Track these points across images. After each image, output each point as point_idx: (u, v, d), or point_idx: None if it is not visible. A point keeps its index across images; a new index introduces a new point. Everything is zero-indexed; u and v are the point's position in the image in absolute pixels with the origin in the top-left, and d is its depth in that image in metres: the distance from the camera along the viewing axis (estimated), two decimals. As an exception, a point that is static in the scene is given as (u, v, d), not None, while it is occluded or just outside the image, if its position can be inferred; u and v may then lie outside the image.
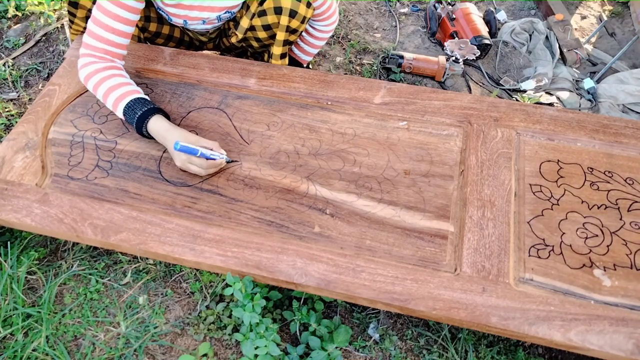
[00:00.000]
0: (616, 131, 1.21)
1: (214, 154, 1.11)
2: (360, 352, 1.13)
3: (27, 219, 1.07)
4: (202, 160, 1.10)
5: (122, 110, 1.14)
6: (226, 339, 1.13)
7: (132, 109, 1.13)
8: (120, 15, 1.12)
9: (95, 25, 1.13)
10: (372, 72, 1.78)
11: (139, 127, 1.14)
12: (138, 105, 1.13)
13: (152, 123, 1.13)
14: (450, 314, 0.95)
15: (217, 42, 1.52)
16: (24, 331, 1.11)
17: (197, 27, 1.34)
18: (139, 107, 1.13)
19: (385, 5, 2.08)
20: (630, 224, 1.07)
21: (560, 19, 1.92)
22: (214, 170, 1.14)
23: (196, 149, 1.08)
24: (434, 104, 1.27)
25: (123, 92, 1.15)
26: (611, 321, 0.93)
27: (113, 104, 1.16)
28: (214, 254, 1.03)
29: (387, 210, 1.10)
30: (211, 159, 1.11)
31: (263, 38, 1.32)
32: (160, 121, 1.14)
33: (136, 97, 1.15)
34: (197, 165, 1.10)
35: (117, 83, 1.16)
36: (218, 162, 1.12)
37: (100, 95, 1.17)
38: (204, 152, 1.09)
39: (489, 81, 1.80)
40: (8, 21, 1.85)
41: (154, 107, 1.15)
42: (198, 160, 1.10)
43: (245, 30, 1.32)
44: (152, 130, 1.14)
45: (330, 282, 0.99)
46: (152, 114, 1.13)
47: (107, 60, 1.17)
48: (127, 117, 1.15)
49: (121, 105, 1.14)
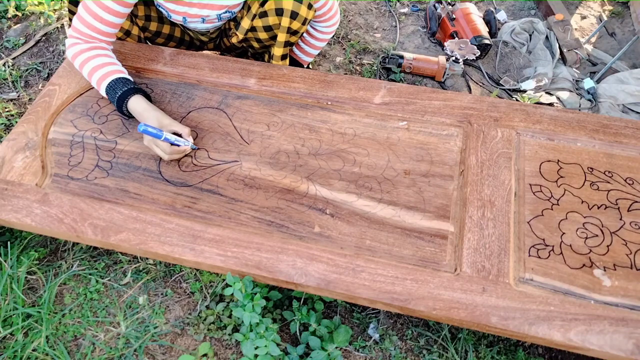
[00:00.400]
0: (616, 131, 1.21)
1: (178, 141, 1.13)
2: (360, 352, 1.13)
3: (27, 219, 1.07)
4: (165, 145, 1.12)
5: (105, 89, 1.18)
6: (226, 339, 1.13)
7: (113, 89, 1.17)
8: (110, 7, 1.13)
9: (85, 12, 1.14)
10: (372, 72, 1.78)
11: (120, 106, 1.18)
12: (119, 85, 1.16)
13: (132, 102, 1.16)
14: (450, 314, 0.95)
15: (218, 42, 1.52)
16: (24, 331, 1.11)
17: (197, 26, 1.34)
18: (119, 87, 1.16)
19: (385, 5, 2.08)
20: (630, 224, 1.07)
21: (560, 19, 1.92)
22: (177, 156, 1.17)
23: (159, 134, 1.10)
24: (434, 104, 1.27)
25: (106, 72, 1.17)
26: (611, 321, 0.93)
27: (96, 83, 1.19)
28: (214, 254, 1.03)
29: (387, 210, 1.10)
30: (175, 145, 1.13)
31: (264, 39, 1.32)
32: (140, 101, 1.17)
33: (118, 77, 1.17)
34: (161, 148, 1.13)
35: (101, 63, 1.18)
36: (182, 148, 1.15)
37: (85, 74, 1.20)
38: (168, 137, 1.11)
39: (489, 81, 1.80)
40: (8, 21, 1.85)
41: (135, 87, 1.18)
42: (162, 143, 1.12)
43: (246, 30, 1.32)
44: (131, 109, 1.17)
45: (330, 282, 0.99)
46: (132, 94, 1.17)
47: (94, 41, 1.19)
48: (109, 95, 1.18)
49: (103, 85, 1.17)
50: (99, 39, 1.19)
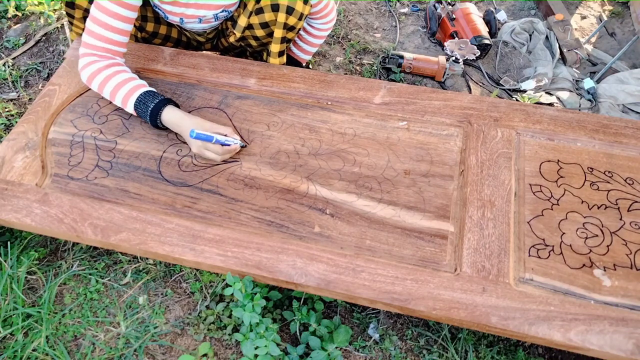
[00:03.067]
0: (616, 131, 1.21)
1: (228, 140, 1.13)
2: (360, 352, 1.13)
3: (27, 219, 1.07)
4: (217, 147, 1.12)
5: (133, 105, 1.16)
6: (226, 339, 1.13)
7: (144, 103, 1.15)
8: (119, 13, 1.12)
9: (94, 24, 1.13)
10: (372, 72, 1.78)
11: (154, 120, 1.16)
12: (149, 99, 1.15)
13: (166, 114, 1.15)
14: (450, 314, 0.95)
15: (215, 43, 1.52)
16: (24, 331, 1.11)
17: (195, 27, 1.34)
18: (150, 100, 1.15)
19: (385, 5, 2.08)
20: (630, 224, 1.07)
21: (560, 19, 1.92)
22: (229, 155, 1.17)
23: (211, 136, 1.10)
24: (434, 104, 1.27)
25: (131, 88, 1.16)
26: (611, 321, 0.93)
27: (122, 101, 1.17)
28: (214, 254, 1.03)
29: (387, 210, 1.10)
30: (226, 145, 1.13)
31: (261, 36, 1.32)
32: (173, 111, 1.16)
33: (145, 91, 1.17)
34: (213, 151, 1.13)
35: (123, 79, 1.17)
36: (233, 147, 1.15)
37: (107, 93, 1.18)
38: (219, 139, 1.11)
39: (489, 81, 1.80)
40: (8, 21, 1.85)
41: (164, 98, 1.17)
42: (213, 146, 1.12)
43: (243, 28, 1.31)
44: (166, 121, 1.16)
45: (330, 282, 0.99)
46: (164, 105, 1.16)
47: (108, 58, 1.18)
48: (138, 111, 1.17)
49: (131, 101, 1.16)
50: (112, 51, 1.17)
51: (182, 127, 1.14)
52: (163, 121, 1.17)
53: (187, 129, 1.12)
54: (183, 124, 1.14)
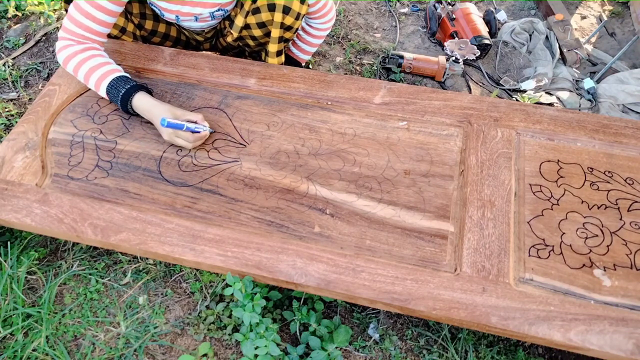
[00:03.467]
0: (616, 131, 1.21)
1: (198, 127, 1.15)
2: (360, 352, 1.13)
3: (27, 219, 1.07)
4: (188, 134, 1.14)
5: (105, 89, 1.17)
6: (226, 339, 1.13)
7: (115, 88, 1.16)
8: (104, 6, 1.13)
9: (77, 11, 1.14)
10: (372, 72, 1.78)
11: (124, 105, 1.17)
12: (121, 84, 1.16)
13: (137, 100, 1.16)
14: (450, 314, 0.95)
15: (214, 43, 1.52)
16: (24, 331, 1.11)
17: (191, 25, 1.34)
18: (121, 85, 1.16)
19: (385, 5, 2.08)
20: (630, 224, 1.07)
21: (560, 19, 1.92)
22: (200, 142, 1.18)
23: (182, 124, 1.12)
24: (434, 104, 1.27)
25: (104, 72, 1.17)
26: (611, 321, 0.93)
27: (95, 85, 1.18)
28: (214, 254, 1.03)
29: (387, 210, 1.10)
30: (196, 132, 1.15)
31: (258, 36, 1.32)
32: (145, 97, 1.17)
33: (118, 76, 1.17)
34: (183, 138, 1.15)
35: (98, 63, 1.17)
36: (203, 134, 1.17)
37: (81, 77, 1.19)
38: (189, 126, 1.14)
39: (489, 81, 1.80)
40: (8, 21, 1.85)
41: (136, 84, 1.18)
42: (184, 134, 1.14)
43: (240, 28, 1.32)
44: (137, 106, 1.17)
45: (330, 282, 0.99)
46: (135, 91, 1.17)
47: (86, 42, 1.18)
48: (110, 96, 1.18)
49: (103, 85, 1.17)
50: (91, 39, 1.18)
51: (153, 114, 1.15)
52: (134, 107, 1.17)
53: (157, 116, 1.14)
54: (154, 111, 1.15)
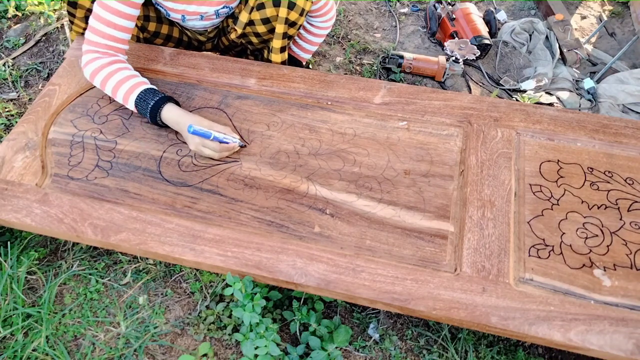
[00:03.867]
0: (616, 131, 1.21)
1: (227, 138, 1.14)
2: (360, 352, 1.13)
3: (27, 219, 1.07)
4: (215, 144, 1.13)
5: (134, 102, 1.17)
6: (226, 339, 1.13)
7: (144, 100, 1.17)
8: (120, 10, 1.13)
9: (97, 21, 1.15)
10: (372, 72, 1.78)
11: (153, 117, 1.18)
12: (149, 96, 1.17)
13: (166, 111, 1.17)
14: (450, 314, 0.95)
15: (216, 42, 1.52)
16: (24, 331, 1.11)
17: (196, 24, 1.34)
18: (150, 98, 1.17)
19: (385, 5, 2.08)
20: (630, 224, 1.07)
21: (560, 19, 1.92)
22: (227, 153, 1.17)
23: (209, 133, 1.11)
24: (434, 104, 1.27)
25: (132, 85, 1.17)
26: (611, 321, 0.93)
27: (123, 98, 1.18)
28: (214, 254, 1.03)
29: (387, 210, 1.10)
30: (224, 143, 1.13)
31: (262, 32, 1.32)
32: (173, 109, 1.17)
33: (146, 88, 1.18)
34: (210, 148, 1.14)
35: (125, 76, 1.18)
36: (231, 145, 1.15)
37: (109, 90, 1.19)
38: (217, 136, 1.12)
39: (489, 81, 1.80)
40: (8, 21, 1.85)
41: (165, 95, 1.19)
42: (211, 143, 1.13)
43: (244, 24, 1.32)
44: (166, 118, 1.17)
45: (330, 282, 0.99)
46: (164, 103, 1.17)
47: (110, 55, 1.19)
48: (139, 108, 1.18)
49: (132, 98, 1.17)
50: (115, 48, 1.19)
51: (181, 125, 1.15)
52: (163, 118, 1.18)
53: (185, 126, 1.13)
54: (182, 122, 1.15)
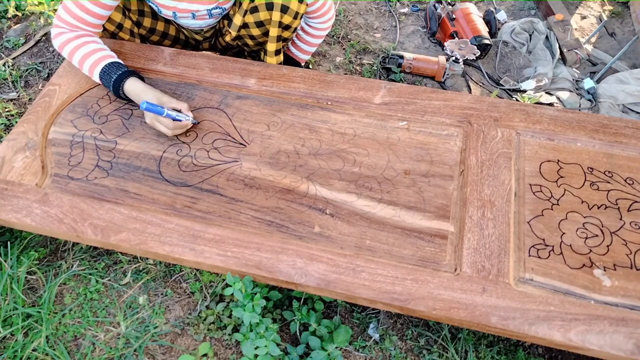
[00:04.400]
0: (616, 131, 1.21)
1: (179, 116, 1.16)
2: (360, 352, 1.13)
3: (27, 219, 1.07)
4: (168, 121, 1.15)
5: (98, 75, 1.20)
6: (226, 339, 1.13)
7: (108, 73, 1.19)
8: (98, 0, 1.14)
9: (72, 3, 1.15)
10: (372, 72, 1.78)
11: (116, 90, 1.20)
12: (113, 69, 1.19)
13: (128, 85, 1.19)
14: (450, 314, 0.95)
15: (213, 42, 1.52)
16: (24, 331, 1.11)
17: (189, 23, 1.34)
18: (114, 71, 1.19)
19: (385, 5, 2.08)
20: (630, 224, 1.07)
21: (560, 19, 1.92)
22: (180, 131, 1.19)
23: (162, 110, 1.12)
24: (434, 104, 1.27)
25: (97, 58, 1.19)
26: (611, 321, 0.93)
27: (89, 70, 1.21)
28: (214, 254, 1.03)
29: (387, 210, 1.10)
30: (177, 120, 1.15)
31: (257, 35, 1.32)
32: (136, 82, 1.19)
33: (111, 62, 1.20)
34: (164, 124, 1.16)
35: (91, 49, 1.20)
36: (183, 123, 1.17)
37: (75, 62, 1.21)
38: (170, 114, 1.14)
39: (489, 81, 1.80)
40: (8, 21, 1.85)
41: (128, 70, 1.21)
42: (165, 120, 1.15)
43: (238, 27, 1.32)
44: (128, 91, 1.19)
45: (330, 282, 0.99)
46: (127, 77, 1.19)
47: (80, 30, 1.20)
48: (103, 81, 1.20)
49: (97, 71, 1.19)
50: (84, 30, 1.20)
51: (141, 97, 1.17)
52: (125, 91, 1.20)
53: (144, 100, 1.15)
54: (142, 96, 1.16)
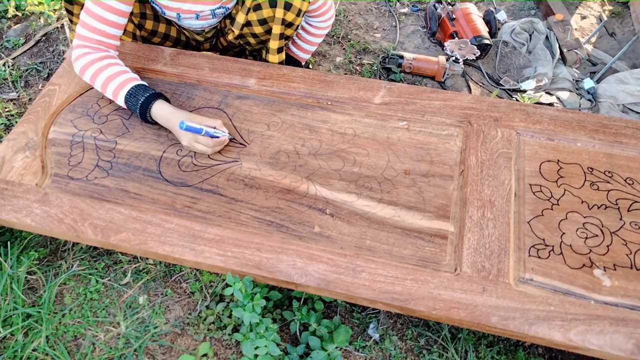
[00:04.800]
0: (616, 131, 1.21)
1: (217, 132, 1.15)
2: (360, 352, 1.13)
3: (27, 219, 1.07)
4: (207, 139, 1.13)
5: (124, 98, 1.16)
6: (226, 339, 1.13)
7: (134, 96, 1.16)
8: (112, 6, 1.12)
9: (88, 16, 1.14)
10: (372, 72, 1.78)
11: (143, 113, 1.17)
12: (139, 92, 1.16)
13: (156, 108, 1.16)
14: (450, 314, 0.95)
15: (214, 43, 1.52)
16: (24, 331, 1.11)
17: (192, 23, 1.34)
18: (140, 94, 1.16)
19: (385, 5, 2.08)
20: (630, 224, 1.07)
21: (560, 19, 1.92)
22: (219, 148, 1.17)
23: (200, 128, 1.11)
24: (434, 104, 1.27)
25: (122, 81, 1.16)
26: (611, 321, 0.93)
27: (113, 93, 1.17)
28: (214, 254, 1.03)
29: (387, 210, 1.10)
30: (215, 137, 1.14)
31: (259, 33, 1.32)
32: (164, 105, 1.17)
33: (136, 84, 1.17)
34: (203, 143, 1.14)
35: (115, 72, 1.17)
36: (222, 139, 1.16)
37: (98, 85, 1.18)
38: (209, 131, 1.13)
39: (489, 81, 1.80)
40: (8, 21, 1.85)
41: (155, 92, 1.18)
42: (204, 139, 1.13)
43: (241, 25, 1.31)
44: (156, 115, 1.17)
45: (330, 282, 0.99)
46: (154, 99, 1.17)
47: (101, 50, 1.18)
48: (129, 104, 1.17)
49: (122, 94, 1.16)
50: (105, 44, 1.18)
51: (172, 121, 1.14)
52: (153, 115, 1.17)
53: (176, 122, 1.13)
54: (172, 118, 1.14)
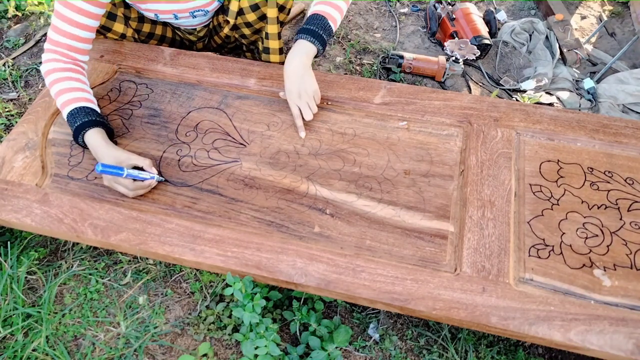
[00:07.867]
0: (616, 131, 1.21)
1: (142, 174, 1.08)
2: (360, 352, 1.13)
3: (27, 219, 1.07)
4: (128, 181, 1.07)
5: (67, 114, 1.12)
6: (226, 339, 1.13)
7: (75, 116, 1.11)
8: (83, 8, 1.10)
9: (58, 19, 1.11)
10: (372, 72, 1.78)
11: (76, 137, 1.12)
12: (81, 114, 1.10)
13: (89, 135, 1.10)
14: (450, 314, 0.95)
15: (207, 42, 1.52)
16: (24, 331, 1.11)
17: (189, 22, 1.34)
18: (80, 116, 1.10)
19: (385, 5, 2.08)
20: (630, 224, 1.07)
21: (560, 19, 1.91)
22: (143, 191, 1.10)
23: (120, 172, 1.04)
24: (434, 104, 1.27)
25: (72, 98, 1.12)
26: (611, 321, 0.93)
27: (61, 105, 1.13)
28: (214, 254, 1.03)
29: (387, 210, 1.10)
30: (139, 179, 1.08)
31: (252, 21, 1.31)
32: (96, 135, 1.10)
33: (83, 106, 1.11)
34: (123, 185, 1.07)
35: (71, 87, 1.13)
36: (146, 183, 1.09)
37: (53, 94, 1.14)
38: (131, 173, 1.06)
39: (489, 81, 1.80)
40: (8, 21, 1.85)
41: (96, 119, 1.12)
42: (124, 180, 1.07)
43: (235, 14, 1.30)
44: (87, 142, 1.12)
45: (330, 282, 0.99)
46: (91, 126, 1.10)
47: (69, 58, 1.16)
48: (68, 122, 1.12)
49: (67, 109, 1.12)
50: (76, 49, 1.15)
51: (98, 155, 1.10)
52: (85, 141, 1.12)
53: (100, 158, 1.09)
54: (99, 153, 1.09)
